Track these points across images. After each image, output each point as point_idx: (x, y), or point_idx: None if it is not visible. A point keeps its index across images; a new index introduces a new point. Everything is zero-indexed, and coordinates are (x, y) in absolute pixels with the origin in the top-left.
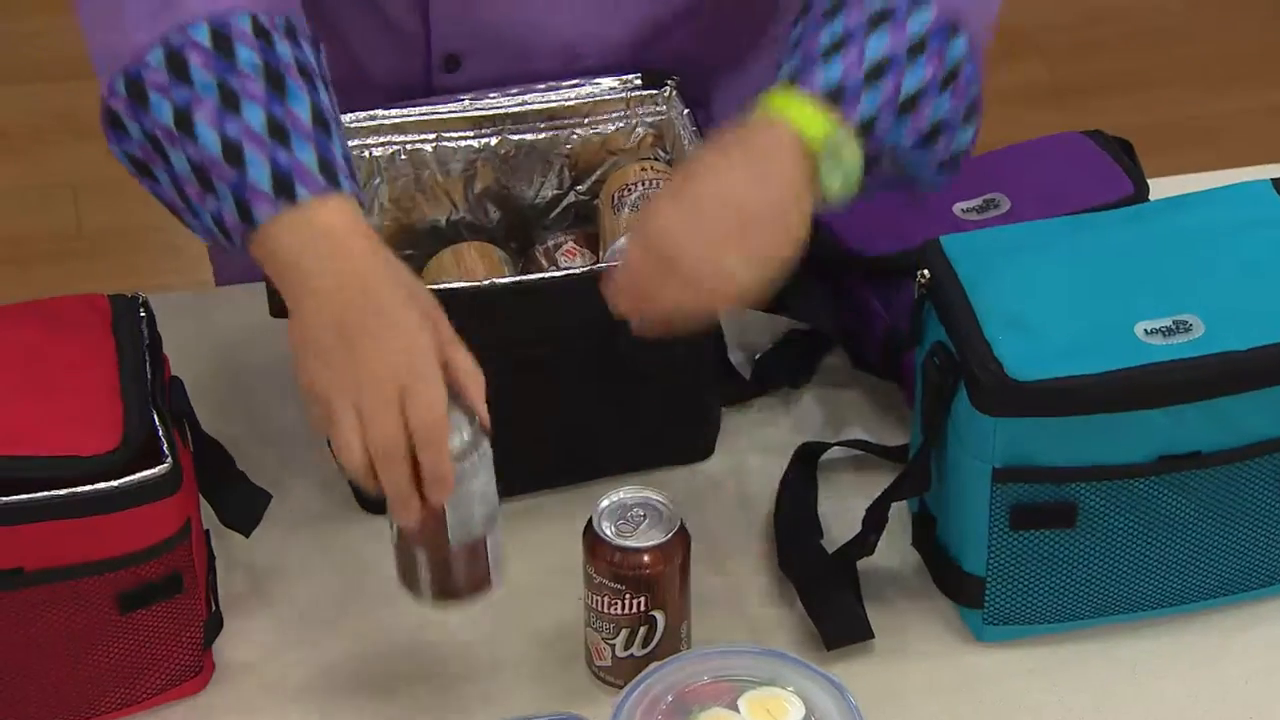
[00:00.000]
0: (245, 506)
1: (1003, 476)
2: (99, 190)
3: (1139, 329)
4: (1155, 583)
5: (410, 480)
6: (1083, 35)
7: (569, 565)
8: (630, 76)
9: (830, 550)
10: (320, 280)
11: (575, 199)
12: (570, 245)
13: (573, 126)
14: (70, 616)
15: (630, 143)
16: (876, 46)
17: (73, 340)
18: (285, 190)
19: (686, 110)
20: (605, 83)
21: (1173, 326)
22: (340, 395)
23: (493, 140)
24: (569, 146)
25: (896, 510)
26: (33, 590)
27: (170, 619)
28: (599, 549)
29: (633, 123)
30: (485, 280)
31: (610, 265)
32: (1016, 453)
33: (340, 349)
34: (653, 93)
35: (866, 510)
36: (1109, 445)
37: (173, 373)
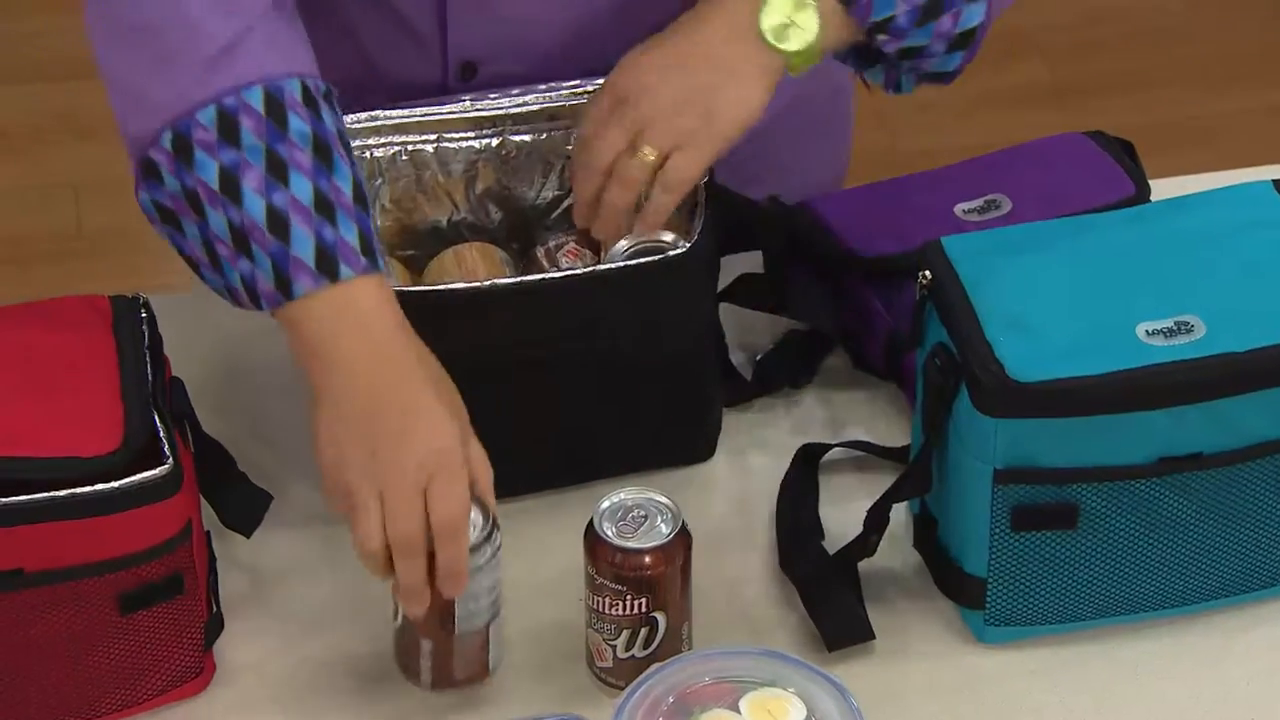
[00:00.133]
0: (246, 507)
1: (1004, 478)
2: (100, 190)
3: (1140, 330)
4: (1156, 584)
5: (425, 575)
6: (1083, 35)
7: (570, 566)
8: None
9: (831, 551)
10: (351, 365)
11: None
12: (571, 246)
13: (574, 127)
14: (71, 618)
15: None
16: None
17: (73, 341)
18: (328, 267)
19: None
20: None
21: (1174, 327)
22: (366, 484)
23: (494, 141)
24: (570, 147)
25: (897, 511)
26: (33, 591)
27: (171, 620)
28: (600, 550)
29: None
30: (487, 281)
31: (611, 266)
32: (1018, 454)
33: (368, 438)
34: None
35: (867, 511)
36: (1110, 446)
37: (174, 373)
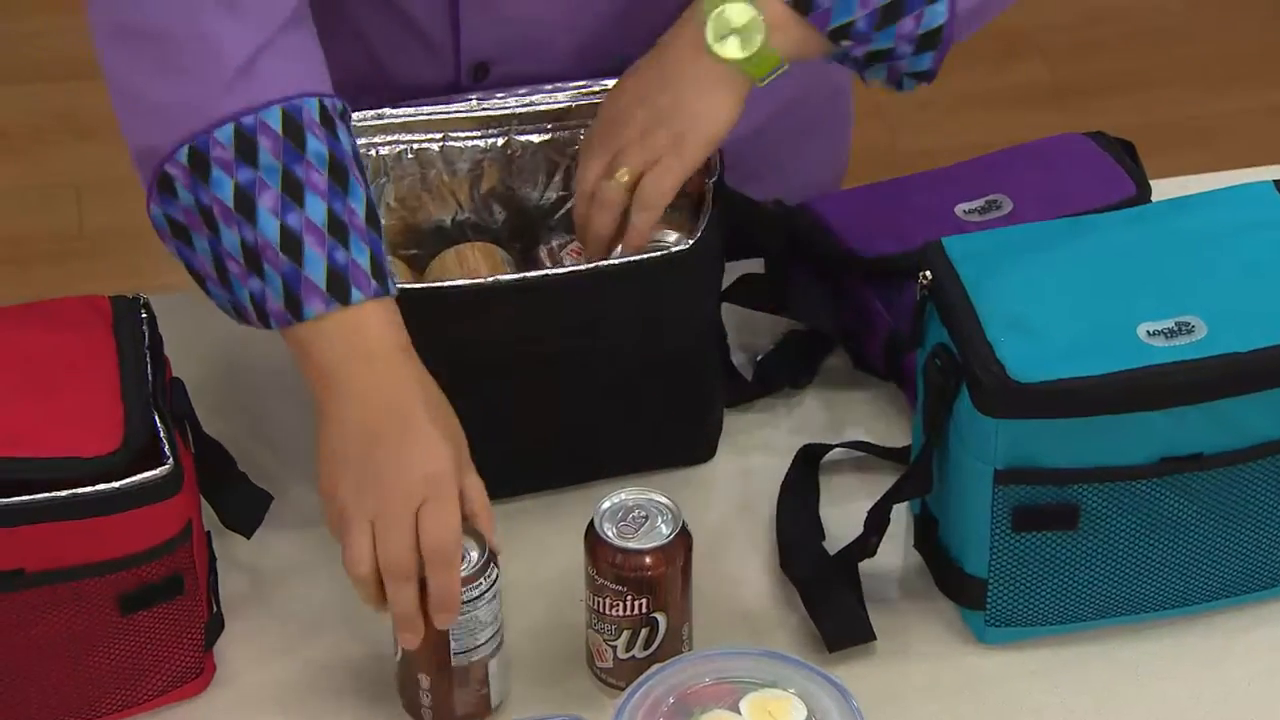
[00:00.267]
0: (246, 508)
1: (1005, 478)
2: (101, 190)
3: (1141, 330)
4: (1157, 584)
5: (417, 602)
6: (1083, 36)
7: (570, 566)
8: None
9: (832, 552)
10: (354, 387)
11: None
12: (575, 246)
13: (579, 128)
14: (71, 618)
15: None
16: None
17: (74, 341)
18: (340, 291)
19: None
20: (611, 83)
21: (1175, 328)
22: (357, 505)
23: (499, 140)
24: (575, 148)
25: (898, 512)
26: (34, 592)
27: (171, 621)
28: (600, 550)
29: None
30: (489, 278)
31: (613, 262)
32: (1018, 454)
33: (363, 459)
34: None
35: (868, 512)
36: (1111, 447)
37: (174, 374)
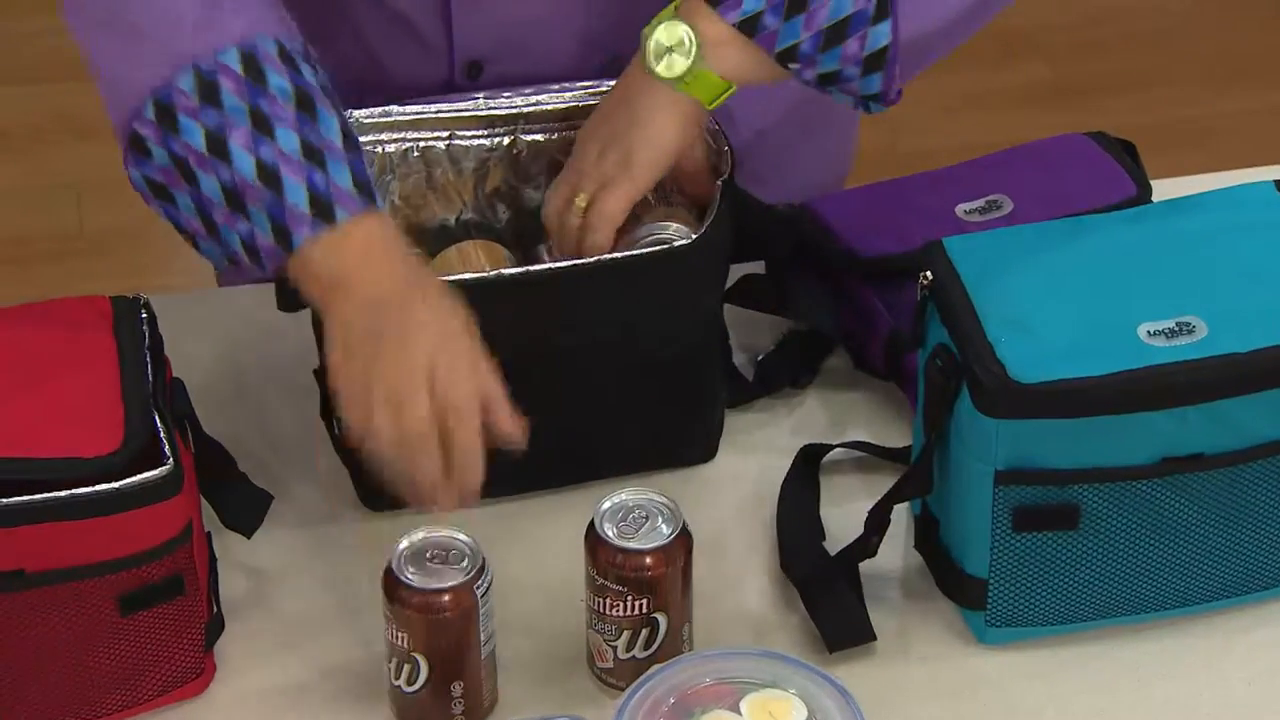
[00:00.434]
0: (247, 508)
1: (1005, 478)
2: (101, 190)
3: (1141, 330)
4: (1158, 585)
5: (440, 469)
6: (1084, 36)
7: (570, 566)
8: None
9: (832, 552)
10: (355, 287)
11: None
12: None
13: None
14: (71, 618)
15: None
16: None
17: (74, 341)
18: (324, 213)
19: None
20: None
21: (1175, 328)
22: (376, 385)
23: (505, 140)
24: None
25: (898, 512)
26: (34, 592)
27: (171, 621)
28: (601, 550)
29: None
30: (489, 271)
31: (615, 256)
32: (1019, 454)
33: (371, 341)
34: None
35: (868, 512)
36: (1111, 447)
37: (174, 374)
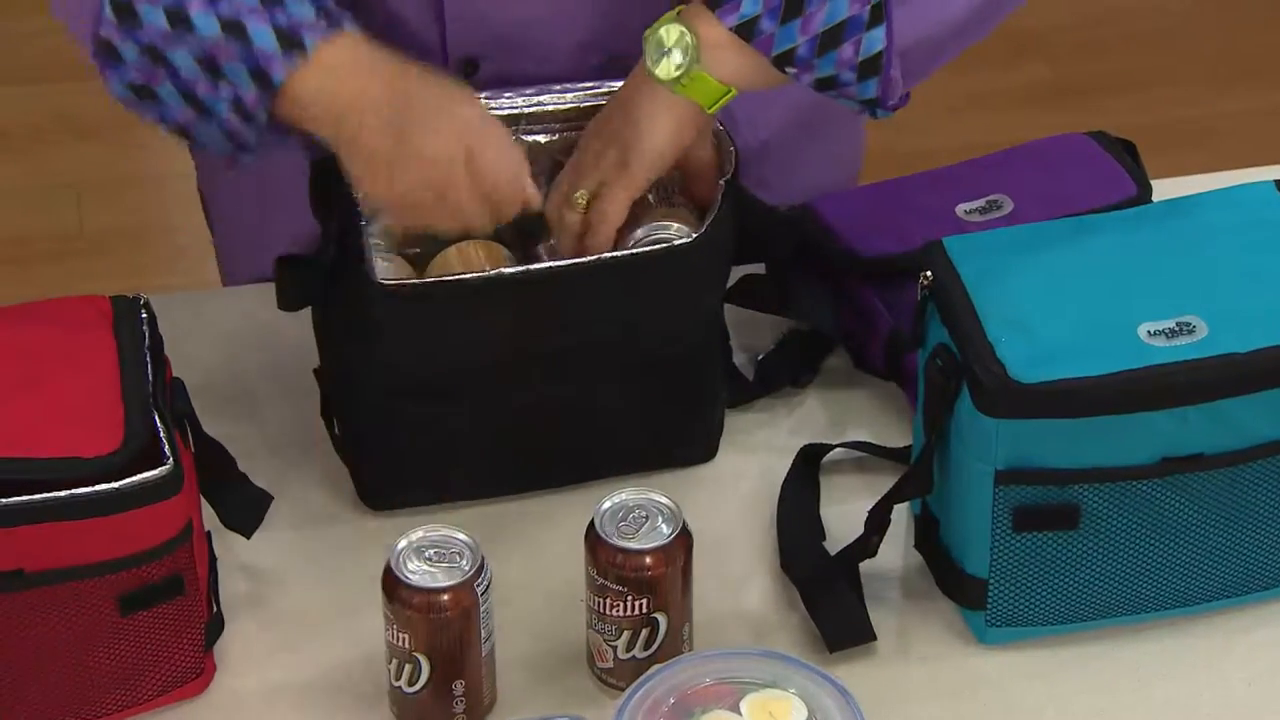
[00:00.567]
0: (246, 508)
1: (1005, 478)
2: (101, 190)
3: (1141, 330)
4: (1158, 585)
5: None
6: (1085, 36)
7: (571, 567)
8: None
9: (832, 552)
10: (358, 100)
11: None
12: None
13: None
14: (71, 618)
15: None
16: None
17: (74, 341)
18: (293, 44)
19: None
20: (620, 85)
21: (1175, 328)
22: (415, 184)
23: None
24: None
25: (899, 512)
26: (34, 592)
27: (171, 621)
28: (601, 550)
29: None
30: (489, 270)
31: (614, 254)
32: (1019, 454)
33: (398, 145)
34: None
35: (869, 512)
36: (1111, 447)
37: (174, 373)
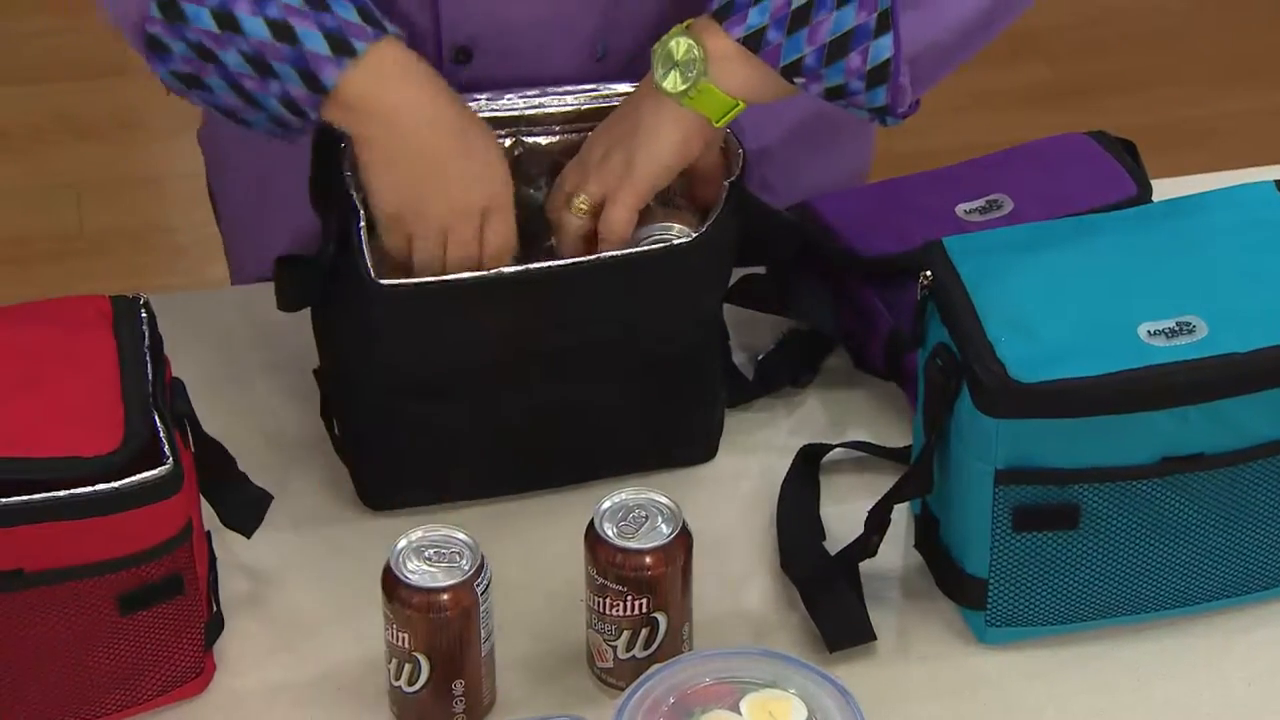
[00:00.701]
0: (246, 508)
1: (1005, 478)
2: (101, 190)
3: (1141, 330)
4: (1158, 585)
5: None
6: (1085, 35)
7: (571, 567)
8: None
9: (832, 551)
10: (400, 114)
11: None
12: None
13: (588, 131)
14: (71, 618)
15: None
16: None
17: (74, 341)
18: (343, 48)
19: None
20: (620, 88)
21: (1175, 328)
22: (432, 215)
23: (507, 142)
24: None
25: (899, 512)
26: (33, 592)
27: (171, 620)
28: (601, 550)
29: None
30: (491, 271)
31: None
32: (1019, 454)
33: (429, 175)
34: None
35: (869, 512)
36: (1112, 447)
37: (174, 374)
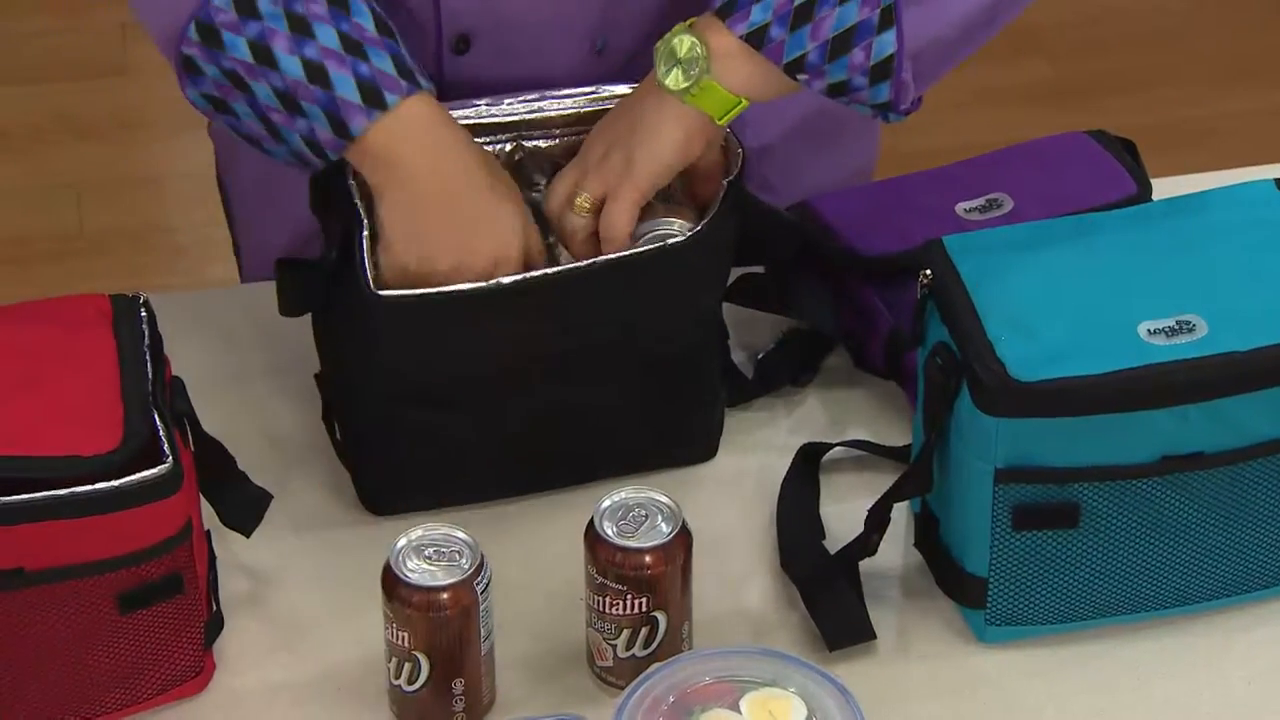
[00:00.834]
0: (246, 507)
1: (1005, 477)
2: (101, 190)
3: (1141, 329)
4: (1158, 583)
5: None
6: (1085, 35)
7: (570, 566)
8: None
9: (832, 550)
10: (421, 166)
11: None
12: None
13: (587, 133)
14: (70, 617)
15: None
16: None
17: (74, 340)
18: (374, 99)
19: None
20: (619, 90)
21: (1175, 327)
22: (438, 274)
23: (508, 146)
24: None
25: (898, 510)
26: (33, 591)
27: (171, 619)
28: (601, 549)
29: None
30: (490, 281)
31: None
32: (1019, 453)
33: (449, 224)
34: None
35: (869, 510)
36: (1111, 446)
37: (174, 373)
